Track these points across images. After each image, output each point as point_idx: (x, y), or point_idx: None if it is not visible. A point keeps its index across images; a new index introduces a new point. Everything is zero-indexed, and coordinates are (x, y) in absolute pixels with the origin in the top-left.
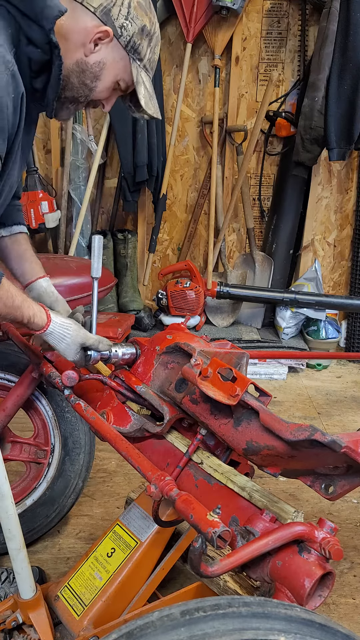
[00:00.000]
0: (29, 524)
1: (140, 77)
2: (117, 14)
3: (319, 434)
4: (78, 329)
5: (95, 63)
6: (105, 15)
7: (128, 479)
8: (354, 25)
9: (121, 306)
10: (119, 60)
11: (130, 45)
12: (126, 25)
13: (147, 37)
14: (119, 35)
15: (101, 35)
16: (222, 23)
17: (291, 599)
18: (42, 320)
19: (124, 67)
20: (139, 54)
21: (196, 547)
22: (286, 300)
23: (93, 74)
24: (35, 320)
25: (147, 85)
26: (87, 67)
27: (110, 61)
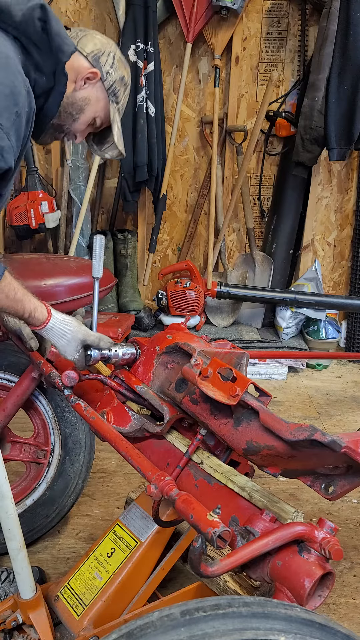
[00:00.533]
0: (29, 524)
1: (116, 117)
2: (105, 62)
3: (319, 434)
4: (79, 325)
5: (82, 98)
6: (95, 61)
7: (128, 479)
8: (354, 25)
9: (121, 306)
10: (101, 100)
11: (111, 89)
12: (111, 72)
13: (124, 86)
14: (105, 79)
15: (91, 75)
16: (222, 23)
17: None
18: (43, 315)
19: (103, 107)
20: (117, 98)
21: (196, 547)
22: (286, 300)
23: (79, 107)
24: (36, 314)
25: (119, 125)
26: (75, 101)
27: (94, 99)
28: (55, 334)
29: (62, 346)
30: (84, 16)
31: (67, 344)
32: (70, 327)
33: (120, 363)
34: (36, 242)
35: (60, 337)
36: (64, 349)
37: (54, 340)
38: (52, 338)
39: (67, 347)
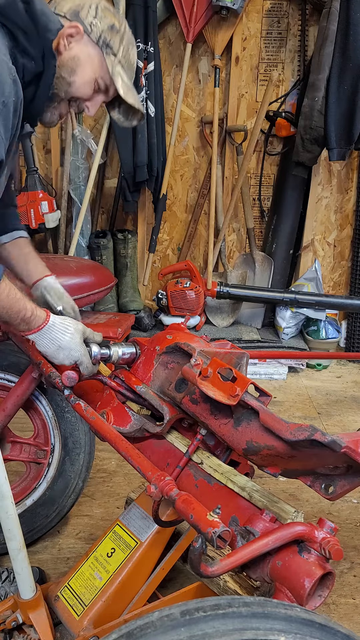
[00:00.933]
0: (29, 524)
1: (117, 69)
2: (86, 14)
3: (319, 434)
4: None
5: (70, 58)
6: (74, 16)
7: (128, 479)
8: (354, 25)
9: (121, 306)
10: (94, 56)
11: (101, 40)
12: (95, 23)
13: (118, 34)
14: (90, 31)
15: (72, 32)
16: (222, 23)
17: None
18: (43, 312)
19: (100, 63)
20: (112, 49)
21: (196, 547)
22: (286, 300)
23: (70, 69)
24: (37, 312)
25: (125, 79)
26: (63, 63)
27: (85, 56)
28: (59, 330)
29: (67, 342)
30: None
31: (71, 338)
32: (70, 321)
33: (120, 363)
34: (36, 242)
35: (63, 333)
36: (68, 344)
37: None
38: (56, 334)
39: (72, 342)
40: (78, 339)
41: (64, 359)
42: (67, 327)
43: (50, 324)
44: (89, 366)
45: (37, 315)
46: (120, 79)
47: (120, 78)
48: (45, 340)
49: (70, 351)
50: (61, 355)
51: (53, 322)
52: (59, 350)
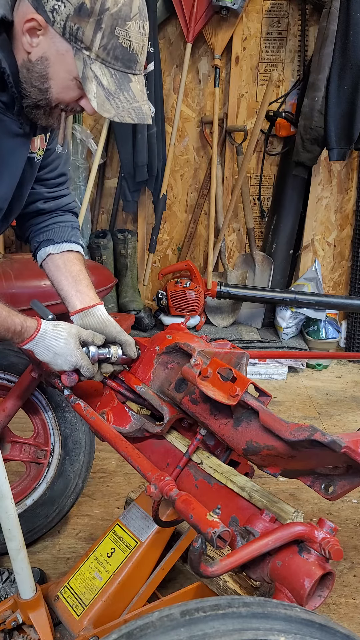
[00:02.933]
0: (29, 524)
1: (91, 70)
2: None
3: (319, 434)
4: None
5: (38, 60)
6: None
7: (128, 479)
8: (354, 25)
9: (121, 306)
10: (65, 52)
11: (67, 31)
12: (57, 8)
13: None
14: (52, 21)
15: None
16: (222, 23)
17: (291, 599)
18: (33, 322)
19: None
20: (82, 42)
21: (196, 547)
22: (286, 300)
23: (38, 73)
24: (28, 323)
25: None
26: (31, 66)
27: (54, 55)
28: (51, 337)
29: (61, 348)
30: None
31: (66, 343)
32: (63, 326)
33: (120, 362)
34: None
35: (57, 339)
36: (63, 350)
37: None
38: (49, 342)
39: (66, 347)
40: (73, 344)
41: (62, 365)
42: (60, 332)
43: (41, 332)
44: (89, 368)
45: (27, 327)
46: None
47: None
48: (40, 349)
49: (67, 357)
50: (59, 362)
51: (45, 330)
52: (56, 357)
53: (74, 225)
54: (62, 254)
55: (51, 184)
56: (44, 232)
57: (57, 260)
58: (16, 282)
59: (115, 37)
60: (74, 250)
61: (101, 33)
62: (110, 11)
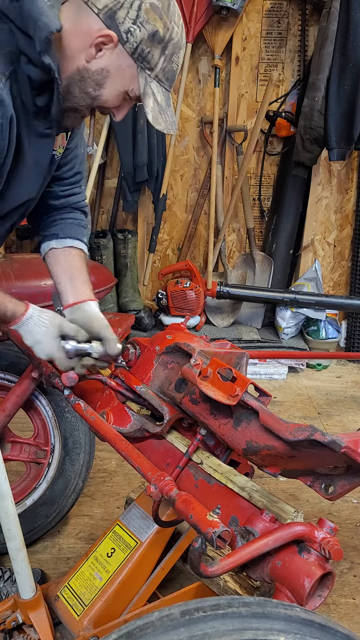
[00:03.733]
0: (29, 524)
1: (150, 88)
2: (124, 17)
3: (319, 434)
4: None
5: (98, 70)
6: (109, 19)
7: (128, 479)
8: (354, 25)
9: (121, 306)
10: (126, 68)
11: (137, 52)
12: (133, 31)
13: (160, 44)
14: (125, 41)
15: (104, 40)
16: (222, 23)
17: (291, 599)
18: (21, 305)
19: (132, 76)
20: (149, 63)
21: (196, 547)
22: (286, 300)
23: (95, 81)
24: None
25: (159, 98)
26: (89, 75)
27: (115, 69)
28: (35, 323)
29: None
30: None
31: (45, 332)
32: (48, 315)
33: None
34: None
35: (39, 326)
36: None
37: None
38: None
39: (45, 337)
40: (51, 333)
41: (39, 353)
42: (43, 320)
43: (27, 315)
44: (63, 362)
45: (16, 310)
46: (152, 100)
47: (153, 98)
48: (24, 333)
49: (44, 345)
50: (37, 349)
51: (31, 315)
52: (36, 344)
53: (82, 223)
54: (64, 249)
55: (66, 182)
56: (50, 227)
57: (59, 255)
58: (16, 282)
59: (171, 62)
60: (76, 247)
61: (164, 58)
62: (174, 40)
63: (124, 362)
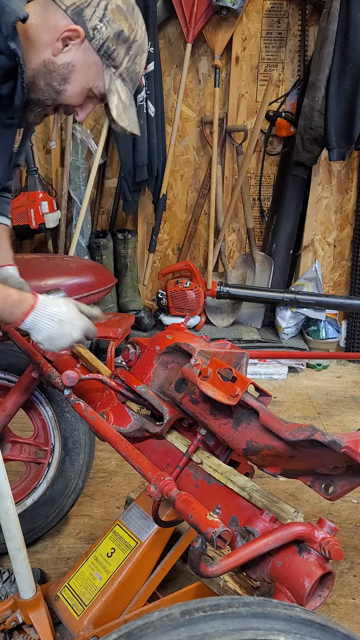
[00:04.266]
0: (29, 524)
1: (114, 85)
2: (91, 14)
3: (319, 434)
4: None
5: (64, 64)
6: (76, 15)
7: (128, 479)
8: (354, 25)
9: (121, 306)
10: (92, 64)
11: (103, 49)
12: (100, 28)
13: (125, 43)
14: (91, 37)
15: (70, 34)
16: (222, 23)
17: (291, 599)
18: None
19: (97, 73)
20: (114, 61)
21: (196, 547)
22: (286, 300)
23: (61, 75)
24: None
25: (123, 96)
26: (55, 68)
27: (81, 64)
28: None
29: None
30: None
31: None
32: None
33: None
34: (36, 242)
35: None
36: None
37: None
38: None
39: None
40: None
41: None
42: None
43: (40, 300)
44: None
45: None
46: (117, 97)
47: (117, 96)
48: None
49: (74, 321)
50: (67, 330)
51: (43, 299)
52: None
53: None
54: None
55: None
56: None
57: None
58: None
59: (135, 63)
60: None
61: (128, 58)
62: (137, 42)
63: (124, 362)
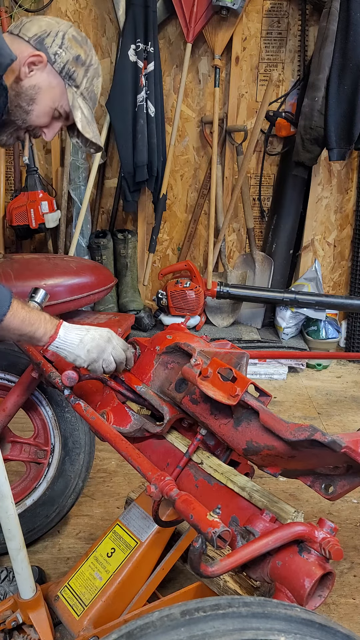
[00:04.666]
0: (29, 524)
1: (77, 102)
2: (51, 42)
3: (319, 434)
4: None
5: (30, 86)
6: (39, 44)
7: (128, 479)
8: (354, 25)
9: (121, 306)
10: (55, 86)
11: (64, 71)
12: (60, 53)
13: (83, 66)
14: (53, 61)
15: (34, 60)
16: (222, 23)
17: (291, 599)
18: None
19: (61, 94)
20: (75, 81)
21: (196, 547)
22: (286, 300)
23: (29, 97)
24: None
25: (85, 112)
26: (22, 90)
27: (46, 86)
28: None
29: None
30: (84, 16)
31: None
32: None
33: None
34: (36, 242)
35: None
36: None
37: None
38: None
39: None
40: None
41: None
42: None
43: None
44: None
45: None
46: (80, 112)
47: (80, 111)
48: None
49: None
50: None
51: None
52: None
53: None
54: None
55: None
56: None
57: None
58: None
59: (92, 84)
60: None
61: (87, 79)
62: (93, 66)
63: None
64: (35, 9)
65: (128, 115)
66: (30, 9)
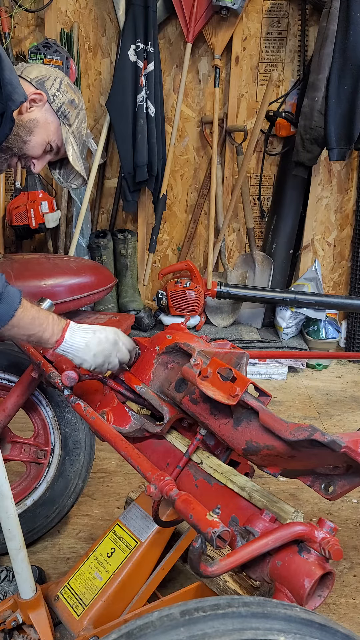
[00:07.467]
0: (29, 524)
1: (69, 138)
2: (50, 85)
3: (319, 434)
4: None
5: (30, 120)
6: (40, 85)
7: (128, 479)
8: (354, 25)
9: (121, 306)
10: (51, 122)
11: (61, 110)
12: (57, 95)
13: (76, 109)
14: (52, 101)
15: (36, 97)
16: (222, 23)
17: (291, 599)
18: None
19: (55, 130)
20: (68, 120)
21: (196, 547)
22: (286, 300)
23: (27, 129)
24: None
25: (75, 148)
26: (22, 123)
27: (43, 121)
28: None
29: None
30: (84, 16)
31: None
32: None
33: None
34: (36, 242)
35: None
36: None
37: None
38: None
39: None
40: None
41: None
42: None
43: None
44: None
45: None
46: (72, 147)
47: (72, 146)
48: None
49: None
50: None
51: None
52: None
53: None
54: None
55: None
56: None
57: None
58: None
59: (81, 126)
60: None
61: (77, 120)
62: (83, 111)
63: None
64: (35, 9)
65: (128, 115)
66: (30, 9)
